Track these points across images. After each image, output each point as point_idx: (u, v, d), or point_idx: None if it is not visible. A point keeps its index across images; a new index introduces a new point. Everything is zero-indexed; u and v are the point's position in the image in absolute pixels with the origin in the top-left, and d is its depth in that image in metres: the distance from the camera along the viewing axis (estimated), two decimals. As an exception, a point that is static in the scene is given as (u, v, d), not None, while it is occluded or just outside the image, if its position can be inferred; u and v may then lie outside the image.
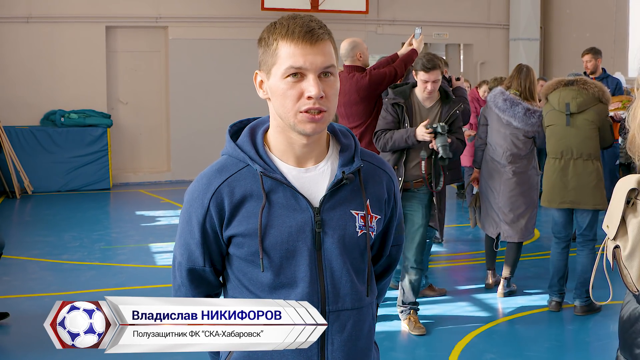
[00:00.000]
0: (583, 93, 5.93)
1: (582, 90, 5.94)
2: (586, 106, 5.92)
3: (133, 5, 13.48)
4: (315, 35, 1.90)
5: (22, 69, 12.94)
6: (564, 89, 6.02)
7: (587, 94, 5.92)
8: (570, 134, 5.96)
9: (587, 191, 5.90)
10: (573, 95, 5.95)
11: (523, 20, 15.41)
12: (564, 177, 5.94)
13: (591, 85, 5.97)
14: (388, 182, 2.12)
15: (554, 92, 6.07)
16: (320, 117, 1.92)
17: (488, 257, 6.80)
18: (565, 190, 5.95)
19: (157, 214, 10.03)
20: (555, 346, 5.42)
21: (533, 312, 5.78)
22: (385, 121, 5.56)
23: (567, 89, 6.01)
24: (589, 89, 5.94)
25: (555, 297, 6.12)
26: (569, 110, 5.94)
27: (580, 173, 5.91)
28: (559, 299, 6.13)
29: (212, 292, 2.13)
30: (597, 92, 5.96)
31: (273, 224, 1.95)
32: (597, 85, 6.01)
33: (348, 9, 14.18)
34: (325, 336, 1.99)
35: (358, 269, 2.04)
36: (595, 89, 5.97)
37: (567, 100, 5.96)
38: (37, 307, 6.29)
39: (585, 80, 6.04)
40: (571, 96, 5.96)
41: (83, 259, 8.03)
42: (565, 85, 6.04)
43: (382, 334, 5.57)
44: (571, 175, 5.90)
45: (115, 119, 13.53)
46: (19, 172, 12.20)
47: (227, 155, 2.04)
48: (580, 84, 5.97)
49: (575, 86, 5.98)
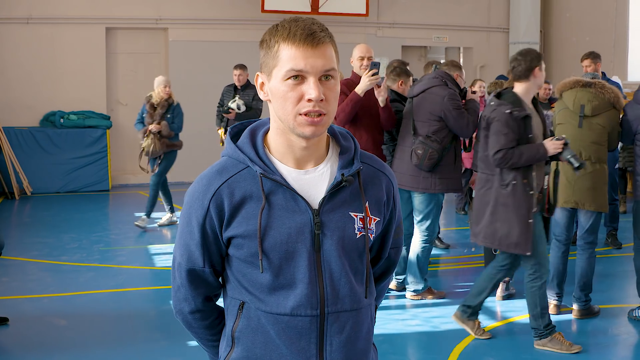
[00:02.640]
0: (599, 97, 5.90)
1: (598, 94, 5.91)
2: (600, 110, 5.89)
3: (133, 6, 13.50)
4: (316, 38, 1.91)
5: (22, 70, 12.95)
6: (581, 90, 5.98)
7: (602, 98, 5.89)
8: (581, 136, 5.91)
9: (592, 193, 5.90)
10: (589, 97, 5.92)
11: (523, 24, 15.42)
12: (572, 177, 5.90)
13: (608, 90, 5.93)
14: (387, 184, 2.13)
15: (570, 91, 6.03)
16: (320, 120, 1.93)
17: (487, 259, 6.80)
18: (570, 189, 5.94)
19: (156, 216, 10.03)
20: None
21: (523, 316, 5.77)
22: (508, 139, 5.11)
23: (583, 91, 5.97)
24: (605, 94, 5.90)
25: (553, 300, 6.12)
26: (583, 112, 5.91)
27: (588, 175, 5.88)
28: (557, 302, 6.14)
29: (212, 293, 2.14)
30: (612, 97, 5.92)
31: (272, 226, 1.96)
32: (614, 91, 5.96)
33: (348, 12, 14.18)
34: (324, 337, 2.00)
35: (357, 271, 2.05)
36: (612, 94, 5.93)
37: (583, 102, 5.93)
38: (36, 309, 6.29)
39: (603, 84, 5.98)
40: (587, 98, 5.92)
41: (82, 260, 8.03)
42: (583, 86, 5.99)
43: (381, 336, 5.57)
44: (578, 176, 5.87)
45: (114, 120, 13.54)
46: (18, 173, 12.20)
47: (227, 156, 2.05)
48: (598, 87, 5.93)
49: (592, 89, 5.94)
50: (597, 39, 13.92)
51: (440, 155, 6.24)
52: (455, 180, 6.38)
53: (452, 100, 6.25)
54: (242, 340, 2.04)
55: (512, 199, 5.16)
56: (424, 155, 6.20)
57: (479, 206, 5.40)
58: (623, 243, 8.68)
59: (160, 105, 9.41)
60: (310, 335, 1.99)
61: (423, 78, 6.60)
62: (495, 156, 5.13)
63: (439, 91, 6.32)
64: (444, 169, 6.30)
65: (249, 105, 10.03)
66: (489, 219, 5.28)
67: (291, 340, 1.98)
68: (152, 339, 5.65)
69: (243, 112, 9.90)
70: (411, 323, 5.99)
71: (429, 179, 6.29)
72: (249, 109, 10.00)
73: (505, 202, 5.18)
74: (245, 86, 10.22)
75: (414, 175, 6.31)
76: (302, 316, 1.97)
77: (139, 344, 5.57)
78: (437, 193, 6.38)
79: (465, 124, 6.21)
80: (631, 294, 6.67)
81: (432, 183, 6.30)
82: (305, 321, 1.98)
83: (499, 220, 5.23)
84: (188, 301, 2.12)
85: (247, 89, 10.17)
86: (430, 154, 6.20)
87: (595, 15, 14.55)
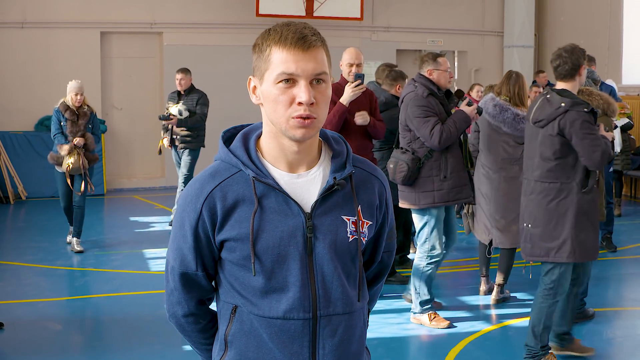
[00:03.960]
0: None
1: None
2: None
3: (128, 11, 13.49)
4: (307, 42, 1.92)
5: (17, 74, 12.94)
6: None
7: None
8: None
9: None
10: None
11: (517, 28, 15.45)
12: None
13: (596, 97, 5.75)
14: (380, 188, 2.13)
15: None
16: (310, 122, 1.93)
17: (482, 263, 6.81)
18: None
19: (151, 220, 10.03)
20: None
21: (526, 318, 5.77)
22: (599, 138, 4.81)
23: None
24: (593, 101, 5.67)
25: None
26: None
27: None
28: None
29: (205, 296, 2.14)
30: (601, 104, 5.77)
31: (265, 229, 1.96)
32: (603, 97, 5.82)
33: (343, 16, 14.21)
34: (317, 340, 2.00)
35: (349, 274, 2.06)
36: (600, 101, 5.78)
37: None
38: (31, 313, 6.28)
39: (590, 91, 5.81)
40: None
41: (77, 265, 8.02)
42: None
43: (376, 340, 5.58)
44: None
45: (109, 124, 13.52)
46: (13, 177, 12.19)
47: (220, 160, 2.06)
48: (585, 95, 5.65)
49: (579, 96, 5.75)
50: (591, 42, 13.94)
51: (416, 168, 5.77)
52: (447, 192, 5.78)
53: (415, 107, 5.75)
54: (235, 343, 2.04)
55: (592, 205, 4.81)
56: (394, 169, 5.83)
57: (548, 219, 4.82)
58: (618, 246, 8.68)
59: (82, 115, 8.35)
60: (302, 338, 1.99)
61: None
62: (601, 159, 4.67)
63: (406, 97, 5.91)
64: (425, 181, 5.78)
65: (192, 110, 9.65)
66: (571, 231, 4.76)
67: (284, 343, 1.99)
68: (146, 343, 5.65)
69: (186, 118, 9.57)
70: (406, 327, 5.99)
71: (412, 193, 5.84)
72: (192, 114, 9.63)
73: (587, 209, 4.78)
74: (189, 91, 9.82)
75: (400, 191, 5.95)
76: (295, 319, 1.97)
77: (133, 348, 5.57)
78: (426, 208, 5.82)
79: (428, 133, 5.67)
80: (626, 297, 6.69)
81: (415, 198, 5.83)
82: (297, 324, 1.98)
83: (583, 230, 4.78)
84: (181, 304, 2.12)
85: (191, 94, 9.81)
86: (399, 167, 5.79)
87: (589, 19, 14.59)
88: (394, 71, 7.15)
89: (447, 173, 5.76)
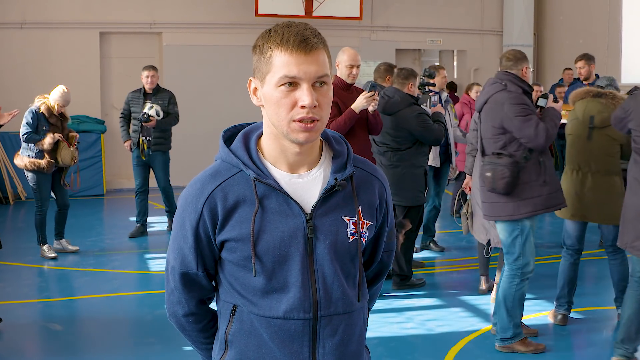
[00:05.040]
0: (610, 108, 5.64)
1: (609, 105, 5.68)
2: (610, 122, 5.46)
3: (127, 11, 13.48)
4: (309, 44, 1.91)
5: (16, 75, 12.92)
6: (592, 100, 5.79)
7: (614, 109, 5.53)
8: (591, 148, 5.73)
9: (601, 206, 5.67)
10: (599, 109, 5.72)
11: (517, 27, 15.45)
12: (580, 190, 5.73)
13: (620, 100, 5.70)
14: (380, 188, 2.14)
15: (581, 101, 5.85)
16: (313, 126, 1.93)
17: (481, 263, 6.82)
18: (579, 202, 5.74)
19: (151, 220, 10.01)
20: (548, 351, 5.42)
21: (526, 317, 5.78)
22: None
23: (594, 101, 5.77)
24: (616, 104, 5.64)
25: (563, 310, 5.93)
26: (593, 123, 5.71)
27: (597, 187, 5.69)
28: (567, 312, 5.94)
29: (205, 296, 2.15)
30: None
31: (266, 229, 1.97)
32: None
33: (342, 15, 14.20)
34: (317, 340, 2.01)
35: (349, 274, 2.06)
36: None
37: (593, 112, 5.73)
38: (31, 314, 6.29)
39: (614, 94, 5.78)
40: (597, 109, 5.72)
41: (77, 265, 8.02)
42: (594, 96, 5.80)
43: (376, 339, 5.58)
44: (587, 189, 5.70)
45: (109, 125, 13.50)
46: (12, 177, 12.18)
47: (221, 160, 2.06)
48: (609, 98, 5.71)
49: (603, 99, 5.73)
50: (590, 41, 13.95)
51: (517, 173, 5.25)
52: (546, 198, 5.25)
53: (514, 105, 5.22)
54: (235, 343, 2.05)
55: None
56: (493, 177, 5.31)
57: (635, 214, 4.79)
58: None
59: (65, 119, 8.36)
60: (303, 338, 1.99)
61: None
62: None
63: (497, 97, 5.37)
64: (523, 188, 5.24)
65: (166, 111, 9.14)
66: None
67: (284, 343, 1.99)
68: (147, 343, 5.65)
69: (162, 119, 9.08)
70: (406, 326, 6.00)
71: (511, 203, 5.28)
72: (166, 114, 9.14)
73: None
74: (156, 90, 9.27)
75: (491, 203, 5.41)
76: (295, 319, 1.98)
77: (133, 349, 5.57)
78: (520, 219, 5.29)
79: (533, 133, 5.15)
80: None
81: (514, 208, 5.28)
82: (298, 324, 1.98)
83: None
84: (181, 304, 2.13)
85: (159, 93, 9.25)
86: (501, 173, 5.26)
87: (588, 18, 14.60)
88: (405, 69, 7.07)
89: (546, 177, 5.24)
